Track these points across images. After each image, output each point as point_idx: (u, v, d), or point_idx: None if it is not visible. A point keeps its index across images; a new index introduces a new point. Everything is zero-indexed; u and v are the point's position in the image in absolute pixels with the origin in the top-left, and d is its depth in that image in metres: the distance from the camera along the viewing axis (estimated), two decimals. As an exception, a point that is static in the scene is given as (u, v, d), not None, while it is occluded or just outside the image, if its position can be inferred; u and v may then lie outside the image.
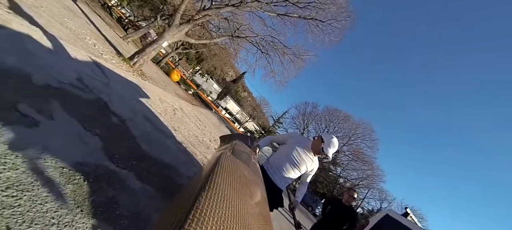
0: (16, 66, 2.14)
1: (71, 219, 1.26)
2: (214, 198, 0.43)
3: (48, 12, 4.97)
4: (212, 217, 0.36)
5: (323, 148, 1.94)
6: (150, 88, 6.95)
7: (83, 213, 1.36)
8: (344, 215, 3.32)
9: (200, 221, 0.33)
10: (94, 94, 3.05)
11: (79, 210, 1.35)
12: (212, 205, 0.40)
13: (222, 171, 0.61)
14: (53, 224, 1.16)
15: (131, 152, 2.52)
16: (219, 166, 0.63)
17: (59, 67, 2.91)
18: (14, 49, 2.43)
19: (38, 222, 1.11)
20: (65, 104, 2.22)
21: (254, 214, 0.58)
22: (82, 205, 1.40)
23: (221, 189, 0.49)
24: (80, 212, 1.35)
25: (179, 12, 7.72)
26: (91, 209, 1.42)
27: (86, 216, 1.36)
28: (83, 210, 1.37)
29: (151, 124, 3.92)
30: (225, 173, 0.61)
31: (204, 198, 0.40)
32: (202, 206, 0.37)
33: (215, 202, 0.42)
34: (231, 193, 0.52)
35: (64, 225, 1.20)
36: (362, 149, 31.47)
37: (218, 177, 0.55)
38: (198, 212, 0.35)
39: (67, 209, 1.30)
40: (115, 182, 1.85)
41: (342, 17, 7.79)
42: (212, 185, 0.48)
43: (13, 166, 1.25)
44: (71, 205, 1.34)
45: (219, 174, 0.57)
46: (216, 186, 0.49)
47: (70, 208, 1.32)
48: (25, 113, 1.69)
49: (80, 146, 1.90)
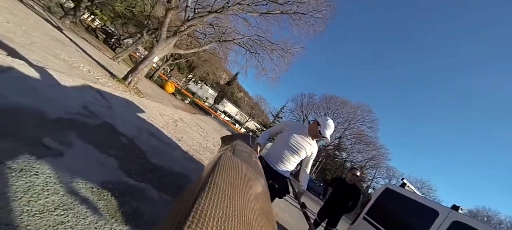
0: (28, 105, 2.34)
1: (109, 228, 1.49)
2: (215, 198, 0.43)
3: (40, 48, 5.13)
4: (213, 217, 0.36)
5: (320, 131, 1.96)
6: (149, 104, 7.14)
7: (117, 222, 1.58)
8: (349, 193, 3.53)
9: (200, 221, 0.33)
10: (100, 119, 3.25)
11: (114, 220, 1.58)
12: (213, 205, 0.40)
13: (223, 170, 0.61)
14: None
15: (144, 167, 2.73)
16: (219, 166, 0.63)
17: (64, 99, 3.11)
18: (22, 89, 2.63)
19: (85, 233, 1.33)
20: (79, 133, 2.43)
21: (255, 212, 0.58)
22: (115, 216, 1.62)
23: (221, 189, 0.49)
24: (115, 221, 1.57)
25: (165, 26, 7.88)
26: (123, 219, 1.65)
27: (121, 224, 1.58)
28: (117, 219, 1.60)
29: (156, 139, 4.13)
30: (225, 172, 0.62)
31: (204, 198, 0.40)
32: (202, 207, 0.37)
33: (215, 202, 0.42)
34: (231, 192, 0.52)
35: (105, 233, 1.43)
36: (363, 131, 31.93)
37: (218, 177, 0.55)
38: (198, 213, 0.35)
39: (105, 220, 1.53)
40: (136, 194, 2.07)
41: (323, 7, 8.02)
42: (212, 185, 0.48)
43: (55, 191, 1.47)
44: (107, 217, 1.56)
45: (219, 174, 0.58)
46: (216, 186, 0.49)
47: (107, 219, 1.54)
48: (50, 146, 1.90)
49: (101, 167, 2.11)
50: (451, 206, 2.33)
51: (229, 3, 8.46)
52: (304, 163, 2.15)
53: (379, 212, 2.90)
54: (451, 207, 2.32)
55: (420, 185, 31.21)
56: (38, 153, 1.73)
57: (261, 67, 10.99)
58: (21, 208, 1.23)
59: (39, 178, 1.50)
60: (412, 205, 2.62)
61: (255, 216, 0.54)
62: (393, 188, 3.07)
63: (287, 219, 5.23)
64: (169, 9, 7.48)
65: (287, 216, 5.54)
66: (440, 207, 2.36)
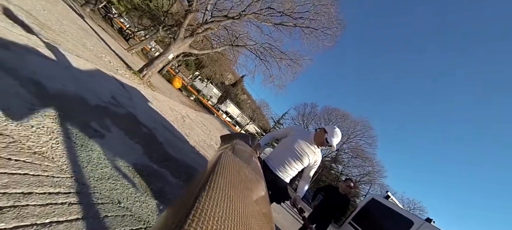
0: (76, 92, 2.77)
1: (144, 199, 1.89)
2: (215, 197, 0.43)
3: (71, 36, 5.61)
4: (213, 217, 0.36)
5: (327, 139, 1.91)
6: (161, 98, 7.58)
7: (149, 196, 1.98)
8: (339, 202, 3.69)
9: (200, 220, 0.33)
10: (125, 109, 3.67)
11: (146, 194, 1.98)
12: (213, 204, 0.40)
13: (223, 170, 0.61)
14: (137, 201, 1.79)
15: (162, 155, 3.14)
16: (219, 165, 0.63)
17: (98, 89, 3.54)
18: (69, 78, 3.07)
19: (129, 199, 1.74)
20: (113, 120, 2.85)
21: (255, 213, 0.58)
22: (147, 191, 2.02)
23: (222, 189, 0.49)
24: (147, 195, 1.97)
25: (183, 26, 8.36)
26: (152, 194, 2.04)
27: (152, 198, 1.98)
28: (148, 194, 2.00)
29: (169, 132, 4.54)
30: (225, 172, 0.61)
31: (205, 198, 0.40)
32: (202, 206, 0.37)
33: (216, 201, 0.42)
34: (231, 192, 0.52)
35: (142, 203, 1.83)
36: (361, 146, 32.12)
37: (219, 176, 0.55)
38: (198, 212, 0.35)
39: (140, 193, 1.93)
40: (159, 177, 2.47)
41: (334, 25, 8.46)
42: (213, 184, 0.48)
43: (105, 165, 1.88)
44: (141, 191, 1.97)
45: (219, 173, 0.57)
46: (217, 185, 0.49)
47: (142, 192, 1.94)
48: (96, 128, 2.32)
49: (132, 150, 2.52)
50: (425, 219, 2.69)
51: (245, 10, 8.94)
52: (306, 171, 2.10)
53: (363, 219, 3.26)
54: (425, 219, 2.68)
55: (412, 205, 31.25)
56: (89, 133, 2.15)
57: (268, 74, 11.44)
58: (88, 174, 1.63)
59: (94, 153, 1.91)
60: (393, 214, 2.98)
61: (255, 217, 0.55)
62: (378, 198, 3.44)
63: (281, 221, 5.58)
64: (189, 11, 7.96)
65: (280, 218, 5.89)
66: (416, 218, 2.72)
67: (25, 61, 2.54)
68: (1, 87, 1.79)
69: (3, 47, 2.44)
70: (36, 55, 2.93)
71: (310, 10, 8.55)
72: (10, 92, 1.81)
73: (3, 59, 2.17)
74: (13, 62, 2.29)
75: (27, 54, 2.75)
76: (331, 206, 3.74)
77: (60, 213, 1.21)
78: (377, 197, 3.53)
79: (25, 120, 1.67)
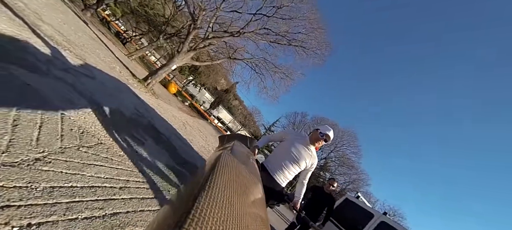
0: (115, 107, 3.48)
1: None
2: (214, 198, 0.43)
3: (89, 49, 6.24)
4: (212, 217, 0.36)
5: (321, 132, 2.02)
6: (165, 106, 8.25)
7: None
8: (324, 200, 3.94)
9: (200, 221, 0.33)
10: (146, 119, 4.38)
11: (181, 185, 2.73)
12: (212, 205, 0.40)
13: (222, 170, 0.62)
14: (174, 189, 2.54)
15: (181, 159, 3.87)
16: (218, 166, 0.64)
17: (125, 102, 4.25)
18: (107, 94, 3.77)
19: (173, 188, 2.49)
20: (143, 129, 3.57)
21: (252, 214, 0.58)
22: (180, 185, 2.77)
23: (220, 189, 0.49)
24: (181, 185, 2.72)
25: (188, 41, 9.13)
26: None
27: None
28: (180, 185, 2.75)
29: (179, 140, 5.26)
30: (225, 172, 0.62)
31: (204, 198, 0.40)
32: (202, 206, 0.37)
33: (215, 202, 0.42)
34: (230, 193, 0.52)
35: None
36: (347, 155, 33.67)
37: (218, 176, 0.55)
38: (198, 212, 0.35)
39: (176, 185, 2.67)
40: (184, 176, 3.21)
41: (323, 47, 9.57)
42: (213, 184, 0.49)
43: (155, 163, 2.62)
44: (178, 185, 2.71)
45: (219, 173, 0.58)
46: (216, 186, 0.49)
47: (178, 185, 2.69)
48: (138, 137, 3.05)
49: (162, 155, 3.26)
50: (382, 212, 3.58)
51: (244, 28, 9.86)
52: (302, 175, 2.13)
53: (339, 215, 4.10)
54: (382, 213, 3.56)
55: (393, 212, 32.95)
56: (136, 141, 2.88)
57: (263, 85, 12.35)
58: (149, 170, 2.38)
59: (142, 156, 2.65)
60: (361, 210, 3.84)
61: (252, 219, 0.55)
62: (350, 198, 4.32)
63: (272, 220, 6.34)
64: (194, 28, 8.75)
65: (274, 218, 6.65)
66: (375, 212, 3.60)
67: (82, 81, 3.23)
68: (79, 105, 2.50)
69: (63, 70, 3.13)
70: (82, 75, 3.62)
71: (302, 32, 9.62)
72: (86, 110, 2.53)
73: (73, 83, 2.88)
74: (76, 84, 2.99)
75: (82, 76, 3.44)
76: (317, 204, 4.00)
77: (140, 192, 1.96)
78: (350, 197, 4.41)
79: (103, 134, 2.40)
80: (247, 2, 9.65)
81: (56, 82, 2.54)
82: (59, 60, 3.28)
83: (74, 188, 1.38)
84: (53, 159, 1.45)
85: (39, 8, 5.47)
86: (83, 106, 2.54)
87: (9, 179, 1.11)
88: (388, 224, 3.34)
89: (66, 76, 2.93)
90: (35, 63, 2.52)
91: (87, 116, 2.41)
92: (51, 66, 2.82)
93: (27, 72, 2.16)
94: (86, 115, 2.41)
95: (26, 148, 1.36)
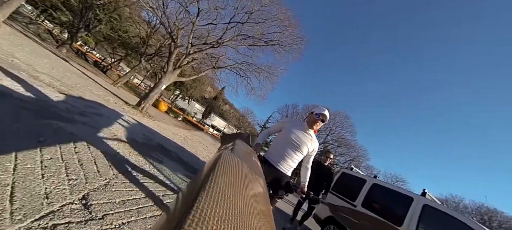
0: (130, 137, 3.92)
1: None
2: (215, 197, 0.43)
3: (82, 87, 6.54)
4: (213, 216, 0.37)
5: (316, 113, 2.03)
6: (163, 126, 8.63)
7: (203, 191, 3.25)
8: (323, 173, 4.29)
9: (200, 220, 0.33)
10: (155, 142, 4.82)
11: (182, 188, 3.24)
12: (213, 204, 0.40)
13: (223, 170, 0.62)
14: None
15: (193, 168, 4.36)
16: (219, 165, 0.64)
17: (134, 130, 4.67)
18: (118, 127, 4.18)
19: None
20: (156, 150, 4.03)
21: (255, 212, 0.58)
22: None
23: (221, 188, 0.49)
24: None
25: (171, 60, 9.51)
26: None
27: (205, 192, 3.26)
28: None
29: (186, 153, 5.73)
30: (225, 171, 0.62)
31: (205, 197, 0.40)
32: (202, 206, 0.37)
33: (216, 201, 0.42)
34: (231, 191, 0.53)
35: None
36: (343, 135, 34.98)
37: (219, 176, 0.56)
38: (198, 212, 0.35)
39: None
40: (200, 182, 3.72)
41: (298, 41, 10.23)
42: (213, 184, 0.49)
43: (175, 175, 3.12)
44: (199, 188, 3.22)
45: (219, 173, 0.58)
46: (217, 185, 0.49)
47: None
48: (156, 157, 3.52)
49: (178, 168, 3.75)
50: (373, 176, 4.23)
51: (222, 38, 10.36)
52: (305, 160, 2.15)
53: (338, 186, 4.72)
54: (373, 176, 4.22)
55: (394, 179, 34.63)
56: (156, 160, 3.36)
57: (250, 87, 12.90)
58: (175, 180, 2.87)
59: (166, 171, 3.14)
60: (355, 179, 4.48)
61: (255, 216, 0.55)
62: (346, 171, 4.97)
63: (277, 203, 6.92)
64: (175, 47, 9.16)
65: (281, 204, 7.24)
66: (368, 178, 4.26)
67: (95, 120, 3.65)
68: (108, 141, 2.95)
69: (80, 114, 3.53)
70: (93, 114, 4.02)
71: (277, 31, 10.24)
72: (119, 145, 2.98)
73: (95, 124, 3.31)
74: (93, 123, 3.41)
75: (94, 115, 3.85)
76: (318, 178, 4.22)
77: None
78: (346, 170, 5.06)
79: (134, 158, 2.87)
80: (220, 13, 10.14)
81: (83, 126, 2.98)
82: (71, 106, 3.68)
83: (136, 199, 1.88)
84: (114, 182, 1.94)
85: (29, 59, 5.75)
86: (113, 140, 2.99)
87: (99, 198, 1.60)
88: (378, 184, 3.99)
89: (84, 119, 3.35)
90: (60, 113, 2.95)
91: (119, 148, 2.88)
92: (71, 114, 3.24)
93: (62, 123, 2.60)
94: (118, 148, 2.88)
95: (95, 178, 1.84)
